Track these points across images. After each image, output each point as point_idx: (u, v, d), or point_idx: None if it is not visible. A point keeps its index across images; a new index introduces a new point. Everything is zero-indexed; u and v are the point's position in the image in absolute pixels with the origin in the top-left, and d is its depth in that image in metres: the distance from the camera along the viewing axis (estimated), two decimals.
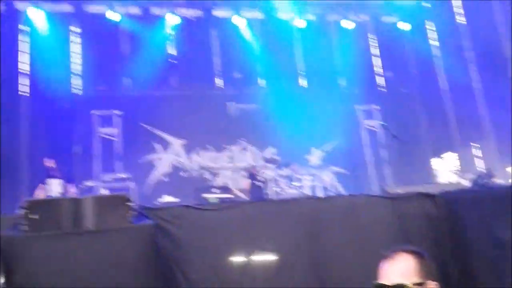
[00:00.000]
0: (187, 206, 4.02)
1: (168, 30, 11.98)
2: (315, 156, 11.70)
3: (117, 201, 3.72)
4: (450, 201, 4.06)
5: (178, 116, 11.39)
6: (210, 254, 3.89)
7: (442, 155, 12.33)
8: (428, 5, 12.77)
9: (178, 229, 3.86)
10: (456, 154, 11.87)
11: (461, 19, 11.85)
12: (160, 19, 11.92)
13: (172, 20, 11.88)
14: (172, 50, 12.22)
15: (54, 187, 8.13)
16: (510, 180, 8.78)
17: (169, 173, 11.45)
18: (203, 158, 11.77)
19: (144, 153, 11.27)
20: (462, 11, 11.76)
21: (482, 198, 3.83)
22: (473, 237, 3.79)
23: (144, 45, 11.61)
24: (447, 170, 11.87)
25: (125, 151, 10.88)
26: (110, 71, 11.36)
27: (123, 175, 9.18)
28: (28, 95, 10.73)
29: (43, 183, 8.25)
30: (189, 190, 9.64)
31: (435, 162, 12.49)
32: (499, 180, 7.93)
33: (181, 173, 11.54)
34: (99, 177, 10.12)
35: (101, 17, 11.42)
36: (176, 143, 11.66)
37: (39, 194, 8.06)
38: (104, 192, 8.81)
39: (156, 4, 11.82)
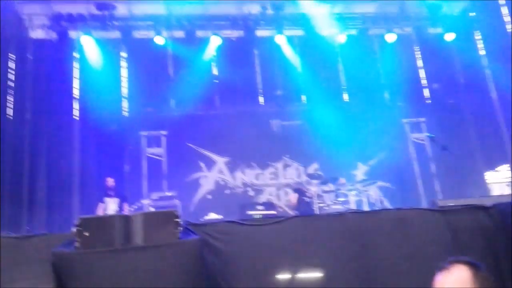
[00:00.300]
0: (232, 222, 4.05)
1: (212, 51, 12.29)
2: (361, 171, 11.53)
3: (165, 218, 3.80)
4: (505, 212, 3.87)
5: (222, 135, 11.59)
6: (256, 269, 3.87)
7: (497, 168, 11.77)
8: (473, 13, 12.42)
9: (224, 244, 3.89)
10: (508, 166, 11.30)
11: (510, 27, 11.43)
12: (204, 40, 12.25)
13: (215, 41, 12.18)
14: (215, 71, 12.53)
15: (111, 206, 8.56)
16: None
17: (214, 191, 11.62)
18: (247, 176, 11.87)
19: (189, 171, 11.51)
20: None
21: None
22: None
23: (188, 67, 11.96)
24: (501, 182, 11.30)
25: (171, 170, 11.18)
26: (156, 93, 11.78)
27: (170, 193, 9.40)
28: (78, 119, 11.28)
29: (102, 201, 8.69)
30: (234, 207, 9.73)
31: (489, 175, 11.92)
32: None
33: (226, 191, 11.68)
34: (148, 195, 10.42)
35: (148, 41, 11.90)
36: (220, 161, 11.84)
37: (99, 212, 8.48)
38: (152, 209, 9.06)
39: (200, 27, 12.18)
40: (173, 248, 3.59)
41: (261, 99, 12.63)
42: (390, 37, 12.66)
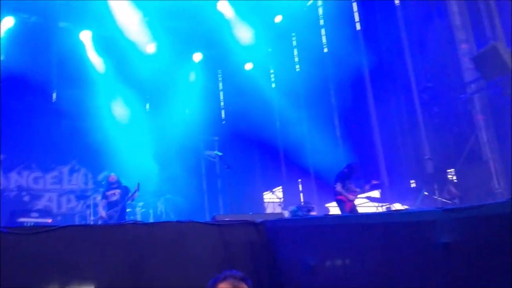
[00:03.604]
0: None
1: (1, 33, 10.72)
2: (153, 182, 11.49)
3: None
4: (270, 228, 4.35)
5: None
6: (19, 282, 3.44)
7: (274, 189, 13.35)
8: (270, 49, 13.92)
9: None
10: (280, 188, 13.10)
11: (298, 68, 13.19)
12: None
13: (7, 22, 10.67)
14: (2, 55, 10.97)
15: None
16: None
17: None
18: (24, 178, 10.58)
19: None
20: None
21: (295, 227, 4.20)
22: (288, 262, 4.09)
23: None
24: (274, 202, 12.88)
25: None
26: None
27: None
28: None
29: None
30: (3, 213, 8.50)
31: (266, 195, 13.44)
32: (314, 213, 8.92)
33: None
34: None
35: None
36: None
37: None
38: None
39: None
40: None
41: (54, 96, 11.54)
42: (197, 56, 13.23)
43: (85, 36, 11.78)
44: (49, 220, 8.37)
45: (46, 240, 3.76)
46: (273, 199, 13.25)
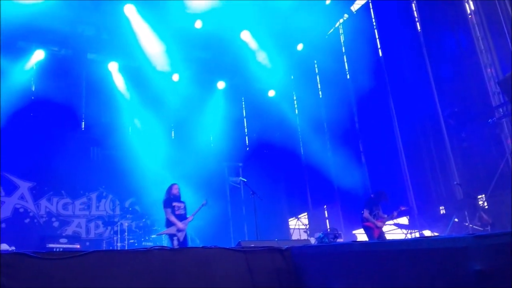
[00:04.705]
0: (21, 254, 3.57)
1: (32, 65, 11.20)
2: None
3: None
4: (297, 255, 4.30)
5: (30, 157, 10.47)
6: None
7: (299, 215, 13.24)
8: (292, 77, 14.06)
9: (6, 279, 3.39)
10: (306, 214, 12.97)
11: (321, 94, 13.25)
12: (25, 51, 11.14)
13: (38, 55, 11.20)
14: (34, 86, 11.45)
15: None
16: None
17: (10, 219, 10.21)
18: (54, 204, 10.80)
19: None
20: None
21: (322, 253, 4.14)
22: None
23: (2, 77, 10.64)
24: (300, 228, 12.75)
25: None
26: None
27: None
28: None
29: None
30: (33, 238, 8.71)
31: (292, 221, 13.32)
32: (341, 239, 8.77)
33: (26, 220, 10.38)
34: None
35: None
36: (24, 186, 10.56)
37: None
38: None
39: (23, 37, 11.07)
40: None
41: (83, 124, 11.89)
42: (221, 84, 13.48)
43: (113, 67, 12.18)
44: (78, 246, 8.42)
45: (73, 265, 3.80)
46: (298, 225, 13.12)
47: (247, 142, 14.42)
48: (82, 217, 11.00)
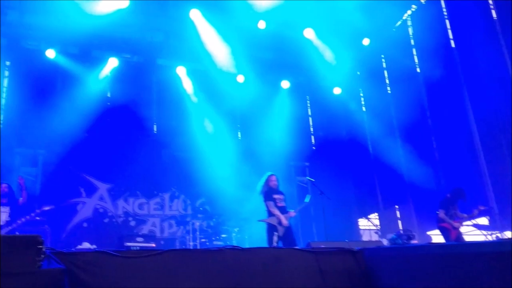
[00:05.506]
0: (103, 252, 3.79)
1: (107, 73, 11.87)
2: (247, 209, 11.70)
3: (27, 243, 3.43)
4: (369, 257, 4.18)
5: (108, 160, 11.10)
6: None
7: (369, 216, 12.88)
8: (359, 72, 13.70)
9: (90, 276, 3.61)
10: (376, 214, 12.55)
11: (389, 89, 12.81)
12: (99, 60, 11.83)
13: (112, 63, 11.85)
14: (109, 93, 12.11)
15: (2, 215, 7.61)
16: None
17: (91, 219, 10.90)
18: (130, 204, 11.38)
19: (66, 196, 10.69)
20: None
21: (396, 255, 3.98)
22: None
23: (79, 85, 11.40)
24: (370, 229, 12.38)
25: (44, 194, 10.27)
26: (38, 109, 10.84)
27: (38, 218, 8.56)
28: None
29: None
30: (112, 237, 9.23)
31: (361, 222, 12.99)
32: (415, 241, 8.40)
33: (105, 219, 11.03)
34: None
35: (37, 53, 11.12)
36: (103, 188, 11.23)
37: None
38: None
39: (97, 46, 11.77)
40: (31, 277, 3.24)
41: (154, 128, 12.41)
42: (285, 84, 13.47)
43: (181, 71, 12.61)
44: (153, 244, 8.78)
45: (151, 263, 3.96)
46: (368, 226, 12.77)
47: (313, 141, 14.28)
48: (156, 217, 11.51)
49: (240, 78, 12.81)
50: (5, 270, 3.23)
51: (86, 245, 8.66)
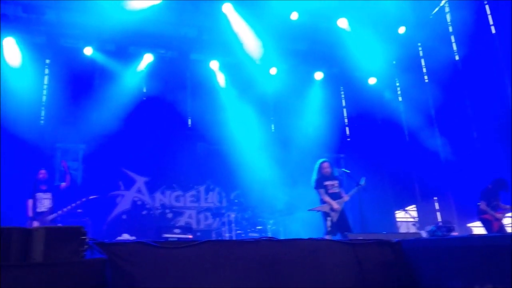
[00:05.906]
0: (142, 243, 3.89)
1: (142, 68, 12.09)
2: (281, 201, 11.71)
3: (70, 234, 3.56)
4: (407, 248, 4.11)
5: (144, 154, 11.35)
6: None
7: (406, 208, 12.64)
8: (394, 62, 13.38)
9: (131, 265, 3.72)
10: (414, 206, 12.28)
11: (426, 79, 12.46)
12: (135, 56, 12.06)
13: (147, 58, 12.06)
14: (144, 88, 12.34)
15: (45, 202, 7.98)
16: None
17: (130, 211, 11.20)
18: (167, 197, 11.62)
19: (106, 189, 11.02)
20: None
21: (436, 247, 3.89)
22: (426, 284, 3.82)
23: (116, 81, 11.66)
24: (408, 221, 12.14)
25: (86, 186, 10.62)
26: (78, 105, 11.18)
27: (79, 210, 8.86)
28: None
29: (32, 197, 8.07)
30: (150, 229, 9.44)
31: (398, 214, 12.75)
32: (455, 233, 8.18)
33: (143, 212, 11.32)
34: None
35: (75, 50, 11.45)
36: (140, 181, 11.51)
37: (29, 209, 7.96)
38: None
39: (133, 43, 11.99)
40: (75, 267, 3.37)
41: (189, 122, 12.57)
42: (318, 75, 13.33)
43: (214, 65, 12.69)
44: (190, 236, 8.94)
45: (189, 254, 4.04)
46: (406, 218, 12.53)
47: (347, 132, 14.10)
48: (192, 209, 11.71)
49: (273, 70, 12.77)
50: (51, 260, 3.38)
51: (126, 236, 8.91)
